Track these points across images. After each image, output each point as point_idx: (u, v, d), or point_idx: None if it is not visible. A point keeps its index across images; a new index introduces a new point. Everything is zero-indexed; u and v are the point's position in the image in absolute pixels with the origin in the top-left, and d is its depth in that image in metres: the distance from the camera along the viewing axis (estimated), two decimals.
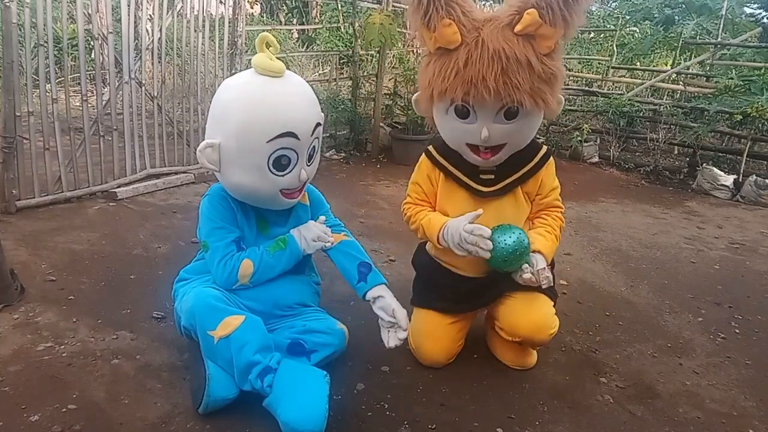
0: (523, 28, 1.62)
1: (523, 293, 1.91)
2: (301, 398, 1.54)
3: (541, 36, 1.64)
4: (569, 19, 1.62)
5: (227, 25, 4.36)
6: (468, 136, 1.80)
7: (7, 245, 2.53)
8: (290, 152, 1.68)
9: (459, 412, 1.82)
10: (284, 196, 1.76)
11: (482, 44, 1.64)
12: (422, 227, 1.92)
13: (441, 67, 1.70)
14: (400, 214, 2.12)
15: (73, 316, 2.18)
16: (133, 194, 3.73)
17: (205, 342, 1.65)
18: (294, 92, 1.70)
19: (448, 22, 1.65)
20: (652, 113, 6.55)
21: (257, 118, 1.62)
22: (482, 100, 1.66)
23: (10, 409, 1.64)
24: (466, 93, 1.67)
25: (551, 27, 1.62)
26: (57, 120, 3.31)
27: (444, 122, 1.85)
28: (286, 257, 1.82)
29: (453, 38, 1.66)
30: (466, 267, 1.97)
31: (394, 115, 6.11)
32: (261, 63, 1.66)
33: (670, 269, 3.28)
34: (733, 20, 7.29)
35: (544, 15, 1.60)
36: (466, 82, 1.65)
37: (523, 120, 1.76)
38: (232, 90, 1.70)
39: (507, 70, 1.62)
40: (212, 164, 1.69)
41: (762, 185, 5.03)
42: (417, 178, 2.02)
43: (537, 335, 1.89)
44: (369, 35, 4.97)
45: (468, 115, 1.75)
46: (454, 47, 1.68)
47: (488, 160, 1.84)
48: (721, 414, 1.93)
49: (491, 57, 1.62)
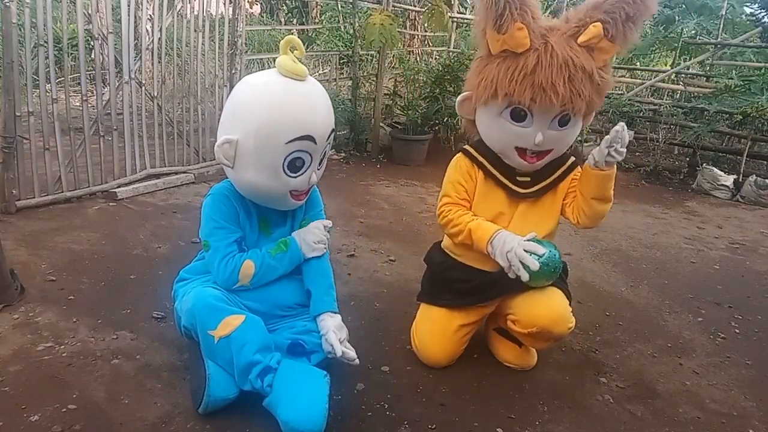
0: (586, 40, 1.69)
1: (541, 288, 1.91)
2: (301, 398, 1.54)
3: (601, 49, 1.71)
4: (628, 37, 1.70)
5: (227, 25, 4.36)
6: (520, 139, 1.82)
7: (7, 245, 2.53)
8: (305, 155, 1.68)
9: (459, 412, 1.82)
10: (293, 197, 1.77)
11: (552, 51, 1.68)
12: (469, 230, 1.88)
13: (507, 69, 1.73)
14: (400, 214, 2.12)
15: (73, 316, 2.18)
16: (133, 194, 3.73)
17: (205, 342, 1.65)
18: (315, 96, 1.70)
19: (521, 26, 1.68)
20: (652, 113, 6.55)
21: (279, 119, 1.62)
22: (548, 104, 1.71)
23: (10, 409, 1.64)
24: (533, 97, 1.70)
25: (611, 42, 1.70)
26: (57, 120, 3.31)
27: (494, 124, 1.86)
28: (287, 260, 1.83)
29: (523, 42, 1.69)
30: (484, 262, 1.95)
31: (394, 115, 6.11)
32: (285, 65, 1.66)
33: (670, 269, 3.29)
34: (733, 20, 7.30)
35: (608, 29, 1.68)
36: (535, 86, 1.69)
37: (572, 128, 1.83)
38: (254, 88, 1.68)
39: (573, 79, 1.68)
40: (227, 160, 1.68)
41: (762, 185, 5.03)
42: (456, 177, 1.98)
43: (556, 327, 1.87)
44: (369, 35, 4.97)
45: (525, 118, 1.79)
46: (522, 51, 1.71)
47: (533, 165, 1.87)
48: (721, 414, 1.93)
49: (560, 65, 1.67)
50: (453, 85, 5.57)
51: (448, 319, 2.02)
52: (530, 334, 1.91)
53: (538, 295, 1.90)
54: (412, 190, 4.59)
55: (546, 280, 1.84)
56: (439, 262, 2.10)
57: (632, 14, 1.67)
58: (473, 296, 2.01)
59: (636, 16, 1.68)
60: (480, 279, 1.98)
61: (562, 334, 1.90)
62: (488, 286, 1.98)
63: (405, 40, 6.23)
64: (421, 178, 5.02)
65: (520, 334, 1.96)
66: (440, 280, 2.08)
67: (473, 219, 1.91)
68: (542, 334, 1.90)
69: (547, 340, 1.95)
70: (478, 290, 1.99)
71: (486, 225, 1.88)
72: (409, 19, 8.01)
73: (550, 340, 1.97)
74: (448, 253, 2.08)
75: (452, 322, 2.02)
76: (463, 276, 2.00)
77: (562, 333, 1.90)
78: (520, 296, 1.93)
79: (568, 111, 1.75)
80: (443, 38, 7.48)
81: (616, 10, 1.67)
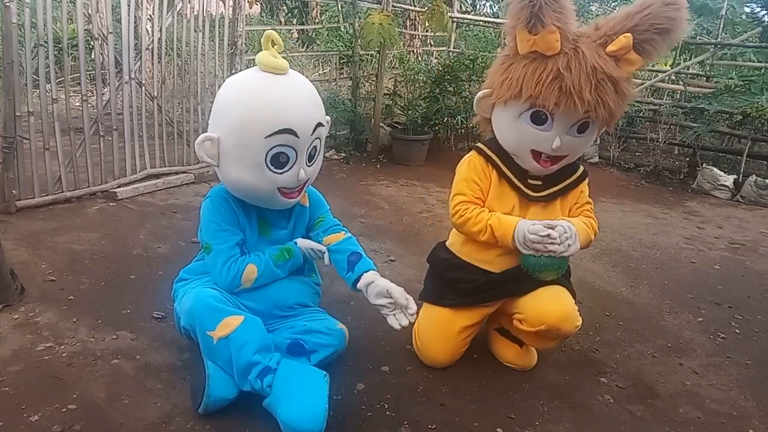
0: (615, 50, 1.69)
1: (548, 285, 1.91)
2: (300, 398, 1.54)
3: (627, 60, 1.71)
4: (656, 51, 1.72)
5: (227, 25, 4.36)
6: (537, 142, 1.82)
7: (7, 245, 2.53)
8: (289, 150, 1.67)
9: (459, 412, 1.82)
10: (283, 195, 1.75)
11: (582, 56, 1.67)
12: (490, 227, 1.87)
13: (535, 70, 1.71)
14: (400, 214, 2.12)
15: (73, 316, 2.18)
16: (133, 194, 3.73)
17: (204, 342, 1.65)
18: (295, 89, 1.70)
19: (553, 29, 1.67)
20: (652, 113, 6.56)
21: (256, 114, 1.62)
22: (573, 110, 1.70)
23: (10, 409, 1.64)
24: (558, 100, 1.69)
25: (638, 55, 1.70)
26: (57, 120, 3.31)
27: (511, 125, 1.85)
28: (289, 267, 1.84)
29: (554, 45, 1.68)
30: (492, 263, 1.96)
31: (394, 115, 6.11)
32: (264, 60, 1.66)
33: (670, 269, 3.29)
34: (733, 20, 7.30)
35: (638, 41, 1.68)
36: (562, 90, 1.68)
37: (589, 136, 1.83)
38: (233, 86, 1.70)
39: (600, 86, 1.68)
40: (211, 158, 1.69)
41: (762, 185, 5.03)
42: (471, 175, 1.96)
43: (564, 324, 1.86)
44: (368, 35, 4.97)
45: (545, 122, 1.78)
46: (552, 54, 1.69)
47: (547, 169, 1.87)
48: (721, 414, 1.93)
49: (589, 71, 1.67)
50: (453, 85, 5.58)
51: (451, 320, 2.02)
52: (538, 332, 1.90)
53: (545, 294, 1.90)
54: (412, 190, 4.59)
55: (553, 273, 1.86)
56: (443, 261, 2.09)
57: (663, 29, 1.67)
58: (476, 296, 2.00)
59: (667, 32, 1.68)
60: (484, 279, 1.97)
61: (570, 332, 1.90)
62: (492, 286, 1.98)
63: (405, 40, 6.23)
64: (421, 178, 5.02)
65: (526, 334, 1.96)
66: (444, 280, 2.08)
67: (492, 215, 1.89)
68: (550, 333, 1.89)
69: (555, 338, 1.95)
70: (482, 290, 1.99)
71: (506, 220, 1.87)
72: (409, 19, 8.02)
73: (557, 339, 1.97)
74: (454, 252, 2.07)
75: (455, 324, 2.02)
76: (467, 276, 2.00)
77: (569, 331, 1.89)
78: (527, 295, 1.93)
79: (590, 118, 1.75)
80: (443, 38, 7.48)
81: (647, 23, 1.67)
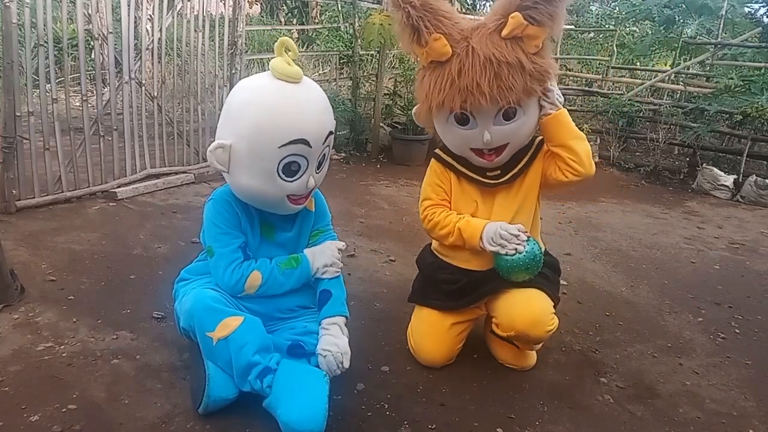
0: (509, 32, 1.69)
1: (523, 288, 1.90)
2: (300, 398, 1.54)
3: (528, 36, 1.70)
4: (554, 16, 1.69)
5: (227, 25, 4.36)
6: (471, 141, 1.85)
7: (7, 245, 2.53)
8: (301, 159, 1.66)
9: (459, 412, 1.82)
10: (291, 201, 1.74)
11: (473, 52, 1.69)
12: (458, 230, 1.89)
13: (436, 79, 1.76)
14: (400, 214, 2.12)
15: (73, 316, 2.18)
16: (133, 194, 3.73)
17: (204, 343, 1.64)
18: (309, 99, 1.68)
19: (437, 36, 1.71)
20: (652, 113, 6.55)
21: (271, 123, 1.60)
22: (479, 105, 1.72)
23: (10, 409, 1.64)
24: (464, 101, 1.72)
25: (537, 27, 1.69)
26: (57, 120, 3.31)
27: (446, 131, 1.90)
28: (296, 276, 1.81)
29: (444, 51, 1.72)
30: (470, 261, 1.98)
31: (394, 115, 6.11)
32: (279, 67, 1.64)
33: (670, 269, 3.29)
34: (733, 20, 7.29)
35: (530, 15, 1.67)
36: (462, 90, 1.71)
37: (522, 119, 1.81)
38: (247, 92, 1.67)
39: (499, 74, 1.68)
40: (222, 165, 1.67)
41: (762, 185, 5.03)
42: (434, 180, 2.03)
43: (533, 330, 1.84)
44: (368, 35, 4.97)
45: (468, 121, 1.81)
46: (446, 59, 1.73)
47: (493, 162, 1.89)
48: (721, 414, 1.93)
49: (483, 64, 1.68)
50: None
51: (441, 318, 2.03)
52: (510, 338, 1.92)
53: (516, 298, 1.89)
54: (412, 190, 4.59)
55: (525, 273, 1.85)
56: (429, 264, 2.11)
57: None
58: (461, 299, 2.01)
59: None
60: (467, 279, 1.99)
61: (541, 337, 1.88)
62: (474, 288, 1.98)
63: None
64: (421, 178, 4.92)
65: (505, 337, 1.96)
66: (430, 281, 2.10)
67: (460, 218, 1.92)
68: (521, 338, 1.89)
69: (528, 342, 1.94)
70: (465, 292, 2.00)
71: (474, 222, 1.89)
72: None
73: (531, 343, 1.96)
74: (437, 254, 2.10)
75: (445, 321, 2.02)
76: (450, 277, 2.02)
77: (540, 336, 1.87)
78: (501, 299, 1.94)
79: (505, 106, 1.74)
80: None
81: None
